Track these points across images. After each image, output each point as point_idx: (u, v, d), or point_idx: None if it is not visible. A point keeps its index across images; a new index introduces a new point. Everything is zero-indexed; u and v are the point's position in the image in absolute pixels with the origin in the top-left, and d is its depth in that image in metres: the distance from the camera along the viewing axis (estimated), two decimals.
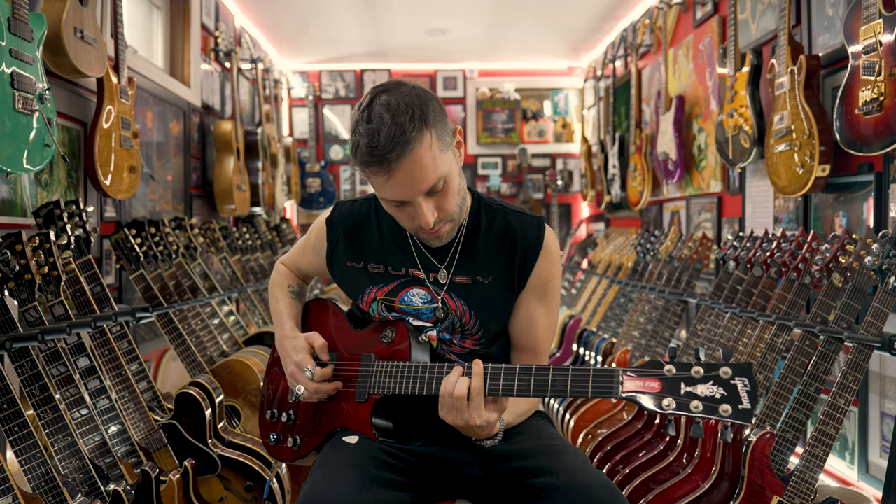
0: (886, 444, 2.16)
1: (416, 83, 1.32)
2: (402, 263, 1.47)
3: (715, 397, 1.06)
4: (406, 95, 1.25)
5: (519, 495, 1.30)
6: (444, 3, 4.43)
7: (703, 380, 1.08)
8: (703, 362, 1.09)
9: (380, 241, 1.50)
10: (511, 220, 1.46)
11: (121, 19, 2.47)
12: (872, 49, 1.94)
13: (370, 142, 1.23)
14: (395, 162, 1.22)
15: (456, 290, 1.44)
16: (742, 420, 1.04)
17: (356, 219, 1.53)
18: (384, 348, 1.43)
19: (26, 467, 1.51)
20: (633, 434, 2.40)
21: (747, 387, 1.05)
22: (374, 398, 1.38)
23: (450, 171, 1.31)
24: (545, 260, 1.44)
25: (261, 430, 1.59)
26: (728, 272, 2.37)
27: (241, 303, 3.63)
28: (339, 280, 1.56)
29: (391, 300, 1.47)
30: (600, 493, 1.24)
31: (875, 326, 1.68)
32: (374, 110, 1.24)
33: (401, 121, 1.21)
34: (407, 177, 1.25)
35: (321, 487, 1.25)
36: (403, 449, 1.42)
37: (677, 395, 1.08)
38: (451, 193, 1.32)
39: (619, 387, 1.12)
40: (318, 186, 5.89)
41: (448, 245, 1.44)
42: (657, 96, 3.97)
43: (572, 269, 4.85)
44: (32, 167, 1.88)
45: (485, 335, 1.46)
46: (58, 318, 1.83)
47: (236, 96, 4.04)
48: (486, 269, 1.44)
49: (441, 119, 1.29)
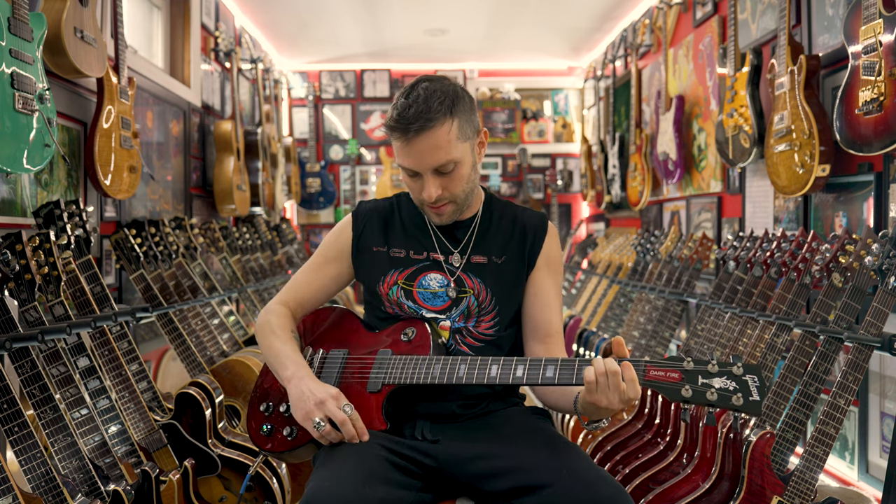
0: (886, 444, 2.16)
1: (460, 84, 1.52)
2: (423, 247, 1.58)
3: (728, 389, 1.20)
4: (444, 87, 1.45)
5: (522, 492, 1.31)
6: (444, 3, 4.43)
7: (718, 374, 1.21)
8: (718, 361, 1.22)
9: (402, 229, 1.62)
10: (518, 212, 1.63)
11: (121, 19, 2.47)
12: (872, 49, 1.94)
13: (401, 112, 1.41)
14: (413, 133, 1.40)
15: (473, 270, 1.56)
16: (752, 410, 1.17)
17: (380, 210, 1.66)
18: (404, 346, 1.50)
19: (26, 467, 1.51)
20: (633, 434, 2.40)
21: (757, 383, 1.19)
22: (389, 388, 1.43)
23: (462, 158, 1.46)
24: (550, 241, 1.60)
25: (249, 423, 1.55)
26: (728, 272, 2.37)
27: (241, 303, 3.63)
28: (361, 267, 1.62)
29: (410, 284, 1.56)
30: (604, 489, 1.25)
31: (875, 326, 1.68)
32: (415, 91, 1.43)
33: (431, 103, 1.40)
34: (421, 150, 1.42)
35: (326, 486, 1.26)
36: (407, 446, 1.42)
37: (695, 384, 1.21)
38: (459, 179, 1.47)
39: (643, 374, 1.24)
40: (318, 186, 5.89)
41: (465, 230, 1.59)
42: (657, 96, 3.97)
43: (572, 269, 4.85)
44: (32, 167, 1.88)
45: (499, 315, 1.54)
46: (58, 318, 1.83)
47: (236, 96, 4.04)
48: (499, 250, 1.57)
49: (468, 113, 1.47)
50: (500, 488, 1.34)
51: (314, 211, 6.02)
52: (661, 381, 1.23)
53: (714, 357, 1.23)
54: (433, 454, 1.41)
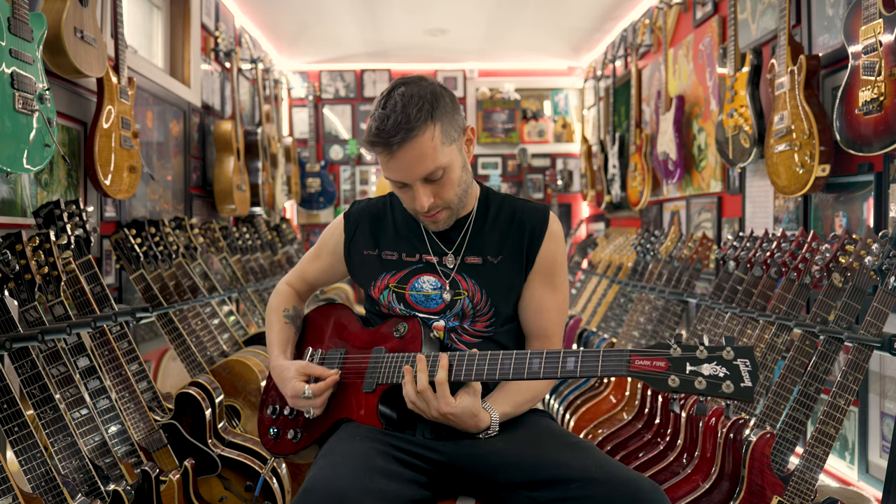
0: (886, 444, 2.16)
1: (437, 81, 1.44)
2: (416, 249, 1.55)
3: (718, 376, 1.12)
4: (422, 89, 1.37)
5: (541, 486, 1.29)
6: (444, 3, 4.43)
7: (707, 360, 1.13)
8: (707, 345, 1.14)
9: (394, 230, 1.58)
10: (517, 206, 1.56)
11: (121, 19, 2.47)
12: (872, 49, 1.94)
13: (379, 125, 1.35)
14: (396, 146, 1.34)
15: (467, 271, 1.51)
16: (744, 397, 1.10)
17: (372, 211, 1.63)
18: (396, 342, 1.48)
19: (26, 467, 1.51)
20: (633, 434, 2.41)
21: (749, 367, 1.11)
22: (382, 387, 1.43)
23: (451, 163, 1.40)
24: (551, 241, 1.52)
25: (259, 429, 1.60)
26: (728, 272, 2.37)
27: (241, 303, 3.63)
28: (354, 270, 1.63)
29: (402, 287, 1.53)
30: (642, 483, 1.24)
31: (875, 326, 1.68)
32: (391, 99, 1.36)
33: (409, 111, 1.33)
34: (406, 161, 1.36)
35: (326, 475, 1.26)
36: (412, 442, 1.42)
37: (682, 373, 1.14)
38: (450, 184, 1.42)
39: (628, 365, 1.18)
40: (318, 186, 5.89)
41: (458, 230, 1.54)
42: (657, 96, 3.97)
43: (572, 269, 4.85)
44: (32, 167, 1.88)
45: (496, 315, 1.50)
46: (58, 318, 1.83)
47: (236, 96, 4.04)
48: (494, 250, 1.52)
49: (450, 115, 1.40)
50: (516, 480, 1.32)
51: (314, 211, 6.02)
52: (646, 372, 1.16)
53: (705, 342, 1.16)
54: (442, 449, 1.41)
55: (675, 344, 1.16)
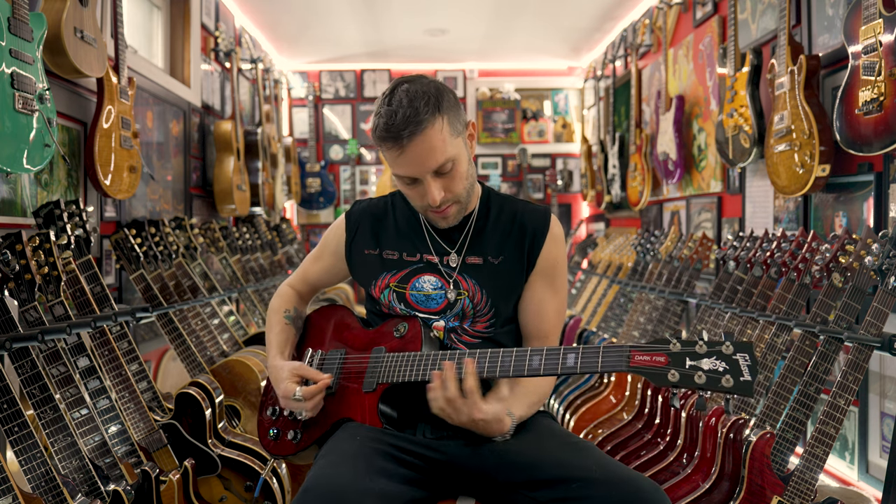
0: (886, 444, 2.16)
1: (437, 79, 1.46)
2: (417, 249, 1.55)
3: (718, 370, 1.12)
4: (425, 85, 1.39)
5: (542, 485, 1.29)
6: (444, 3, 4.43)
7: (706, 354, 1.14)
8: (707, 340, 1.15)
9: (395, 230, 1.59)
10: (519, 207, 1.57)
11: (121, 19, 2.47)
12: (872, 49, 1.94)
13: (388, 120, 1.36)
14: (407, 139, 1.35)
15: (468, 271, 1.52)
16: (743, 391, 1.10)
17: (373, 211, 1.63)
18: (396, 342, 1.48)
19: (26, 467, 1.51)
20: (633, 434, 2.41)
21: (748, 361, 1.11)
22: (383, 387, 1.43)
23: (458, 155, 1.42)
24: (552, 243, 1.53)
25: (259, 430, 1.60)
26: (728, 272, 2.37)
27: (241, 303, 3.63)
28: (355, 269, 1.63)
29: (402, 287, 1.53)
30: (643, 483, 1.25)
31: (875, 326, 1.68)
32: (396, 96, 1.38)
33: (417, 105, 1.35)
34: (418, 154, 1.37)
35: (326, 473, 1.26)
36: (412, 441, 1.42)
37: (682, 367, 1.14)
38: (459, 176, 1.43)
39: (627, 360, 1.18)
40: (318, 186, 5.89)
41: (460, 230, 1.54)
42: (657, 96, 3.97)
43: (572, 269, 4.85)
44: (32, 167, 1.88)
45: (496, 316, 1.51)
46: (58, 318, 1.83)
47: (236, 96, 4.04)
48: (496, 250, 1.52)
49: (454, 108, 1.42)
50: (517, 479, 1.32)
51: (314, 211, 6.02)
52: (646, 367, 1.16)
53: (704, 337, 1.16)
54: (442, 449, 1.41)
55: (674, 339, 1.17)
